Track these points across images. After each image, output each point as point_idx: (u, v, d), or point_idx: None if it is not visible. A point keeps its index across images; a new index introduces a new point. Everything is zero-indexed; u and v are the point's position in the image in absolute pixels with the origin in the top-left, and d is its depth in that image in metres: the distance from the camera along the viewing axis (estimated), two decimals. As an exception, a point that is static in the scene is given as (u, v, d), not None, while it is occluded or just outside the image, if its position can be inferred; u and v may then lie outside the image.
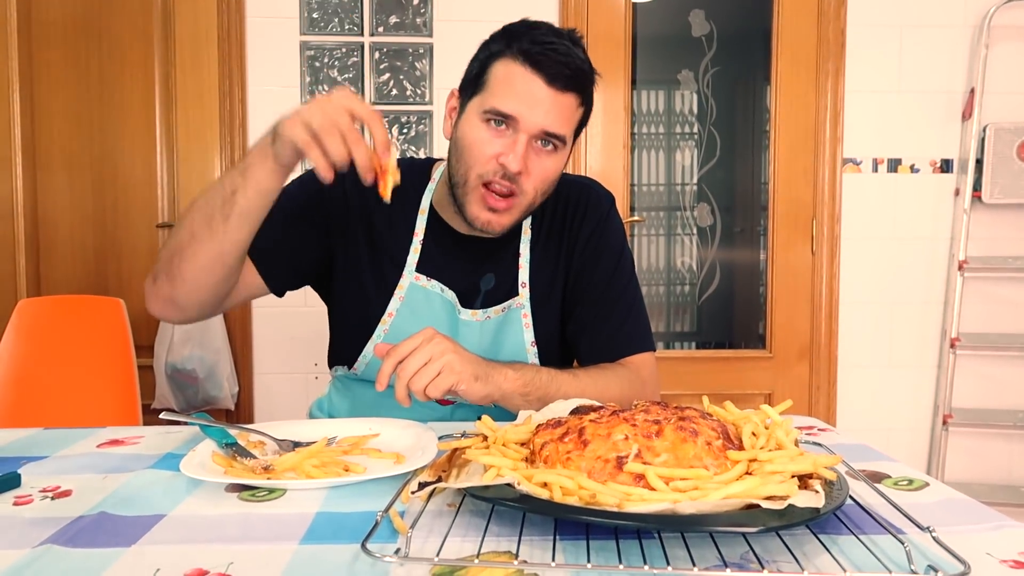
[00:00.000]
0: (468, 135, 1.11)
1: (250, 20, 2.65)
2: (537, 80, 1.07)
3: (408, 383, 0.96)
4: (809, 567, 0.61)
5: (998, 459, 2.84)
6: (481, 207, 1.12)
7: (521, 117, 1.07)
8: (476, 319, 1.21)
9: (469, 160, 1.11)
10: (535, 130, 1.08)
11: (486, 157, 1.09)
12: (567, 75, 1.08)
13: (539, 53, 1.07)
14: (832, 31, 2.74)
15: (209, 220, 1.01)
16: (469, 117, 1.12)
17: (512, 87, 1.07)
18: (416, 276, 1.20)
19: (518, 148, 1.08)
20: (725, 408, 0.86)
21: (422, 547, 0.66)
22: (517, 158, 1.07)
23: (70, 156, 2.66)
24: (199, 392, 2.61)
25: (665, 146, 2.87)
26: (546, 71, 1.07)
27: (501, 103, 1.08)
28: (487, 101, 1.09)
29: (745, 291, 2.93)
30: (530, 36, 1.08)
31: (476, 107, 1.11)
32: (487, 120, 1.09)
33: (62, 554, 0.65)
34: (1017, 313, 2.81)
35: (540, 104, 1.07)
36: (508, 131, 1.09)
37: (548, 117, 1.08)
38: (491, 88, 1.09)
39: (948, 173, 2.79)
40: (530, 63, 1.07)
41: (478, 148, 1.10)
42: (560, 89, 1.08)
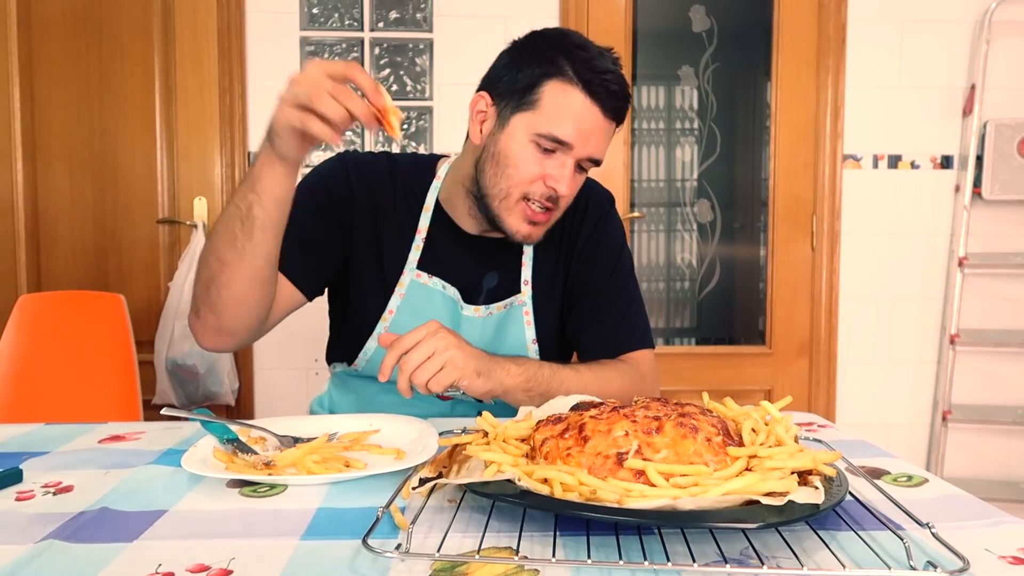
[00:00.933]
0: (516, 153, 1.10)
1: (250, 15, 2.65)
2: (595, 110, 1.08)
3: (410, 376, 0.96)
4: (809, 563, 0.61)
5: (997, 455, 2.84)
6: (522, 221, 1.13)
7: (576, 145, 1.09)
8: (478, 315, 1.22)
9: (515, 177, 1.11)
10: (584, 157, 1.11)
11: (534, 177, 1.10)
12: (622, 108, 1.11)
13: (599, 84, 1.07)
14: (833, 27, 2.73)
15: (233, 242, 1.01)
16: (516, 134, 1.10)
17: (572, 115, 1.08)
18: (417, 274, 1.20)
19: (566, 173, 1.10)
20: (725, 404, 0.86)
21: (423, 543, 0.66)
22: (566, 183, 1.10)
23: (70, 151, 2.66)
24: (200, 388, 2.61)
25: (665, 142, 2.87)
26: (605, 104, 1.08)
27: (560, 131, 1.08)
28: (542, 125, 1.08)
29: (745, 287, 2.93)
30: (585, 62, 1.08)
31: (526, 125, 1.09)
32: (537, 142, 1.09)
33: (64, 549, 0.65)
34: (1017, 309, 2.81)
35: (594, 134, 1.09)
36: (557, 155, 1.10)
37: (598, 146, 1.11)
38: (546, 111, 1.08)
39: (948, 169, 2.78)
40: (589, 93, 1.07)
41: (527, 168, 1.10)
42: (611, 119, 1.11)
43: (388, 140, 2.71)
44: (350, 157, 1.25)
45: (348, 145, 2.70)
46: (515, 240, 1.15)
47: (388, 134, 0.93)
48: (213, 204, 2.69)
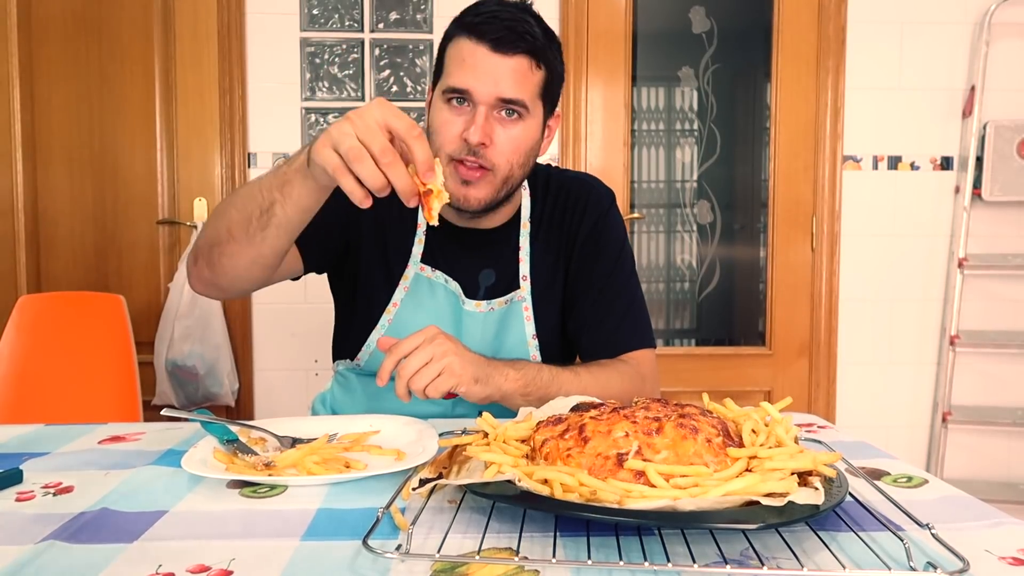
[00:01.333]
0: (434, 120, 1.12)
1: (250, 16, 2.65)
2: (481, 48, 1.07)
3: (408, 382, 0.96)
4: (809, 564, 0.61)
5: (997, 456, 2.84)
6: (456, 182, 1.11)
7: (473, 89, 1.07)
8: (480, 310, 1.22)
9: (438, 142, 1.11)
10: (490, 99, 1.08)
11: (451, 136, 1.10)
12: (511, 38, 1.07)
13: (481, 23, 1.08)
14: (832, 28, 2.73)
15: (247, 226, 0.99)
16: (435, 103, 1.13)
17: (461, 62, 1.09)
18: (421, 267, 1.21)
19: (478, 119, 1.08)
20: (725, 405, 0.86)
21: (423, 543, 0.66)
22: (477, 129, 1.07)
23: (70, 152, 2.66)
24: (199, 388, 2.61)
25: (665, 143, 2.87)
26: (488, 37, 1.07)
27: (453, 79, 1.09)
28: (443, 84, 1.11)
29: (745, 288, 2.93)
30: (473, 12, 1.10)
31: (438, 92, 1.12)
32: (448, 100, 1.10)
33: (64, 550, 0.65)
34: (1017, 310, 2.81)
35: (489, 72, 1.07)
36: (468, 107, 1.09)
37: (500, 84, 1.08)
38: (445, 71, 1.11)
39: (948, 170, 2.78)
40: (473, 33, 1.08)
41: (443, 129, 1.10)
42: (507, 53, 1.08)
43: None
44: None
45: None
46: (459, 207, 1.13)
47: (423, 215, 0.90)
48: (213, 205, 2.69)
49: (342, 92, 2.68)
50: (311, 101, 2.68)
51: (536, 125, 1.14)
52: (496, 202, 1.15)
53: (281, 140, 2.68)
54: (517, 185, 1.17)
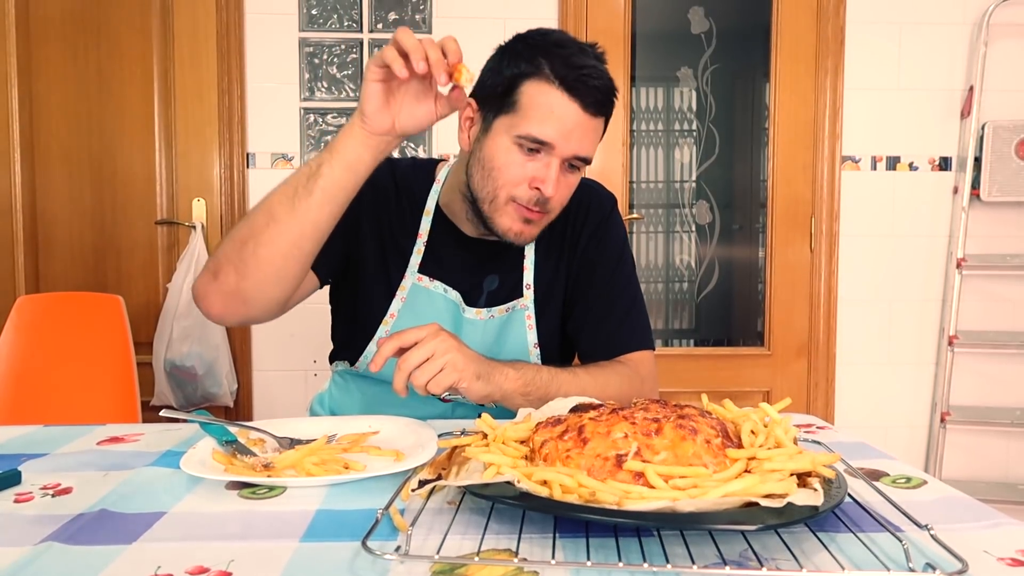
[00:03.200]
0: (499, 157, 1.10)
1: (249, 16, 2.65)
2: (574, 107, 1.06)
3: (410, 376, 0.96)
4: (808, 565, 0.61)
5: (996, 457, 2.84)
6: (514, 220, 1.12)
7: (558, 145, 1.07)
8: (480, 318, 1.22)
9: (500, 181, 1.10)
10: (569, 156, 1.09)
11: (519, 180, 1.09)
12: (604, 102, 1.09)
13: (576, 80, 1.05)
14: (831, 28, 2.74)
15: (292, 197, 1.00)
16: (498, 138, 1.10)
17: (550, 114, 1.06)
18: (419, 277, 1.21)
19: (551, 174, 1.08)
20: (724, 406, 0.86)
21: (422, 545, 0.66)
22: (553, 185, 1.08)
23: (68, 152, 2.65)
24: (198, 389, 2.61)
25: (664, 143, 2.87)
26: (583, 98, 1.06)
27: (539, 131, 1.06)
28: (521, 126, 1.07)
29: (744, 288, 2.93)
30: (563, 59, 1.06)
31: (506, 128, 1.09)
32: (520, 144, 1.08)
33: (63, 551, 0.65)
34: (1015, 311, 2.81)
35: (576, 131, 1.07)
36: (541, 155, 1.08)
37: (583, 143, 1.08)
38: (525, 112, 1.07)
39: (947, 171, 2.79)
40: (567, 89, 1.06)
41: (511, 171, 1.09)
42: (594, 115, 1.08)
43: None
44: None
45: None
46: (508, 240, 1.15)
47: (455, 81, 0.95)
48: (212, 205, 2.69)
49: (341, 92, 2.68)
50: (310, 101, 2.68)
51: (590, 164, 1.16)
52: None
53: (280, 140, 2.68)
54: None
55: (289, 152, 2.68)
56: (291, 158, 2.68)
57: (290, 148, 2.68)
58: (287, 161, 2.68)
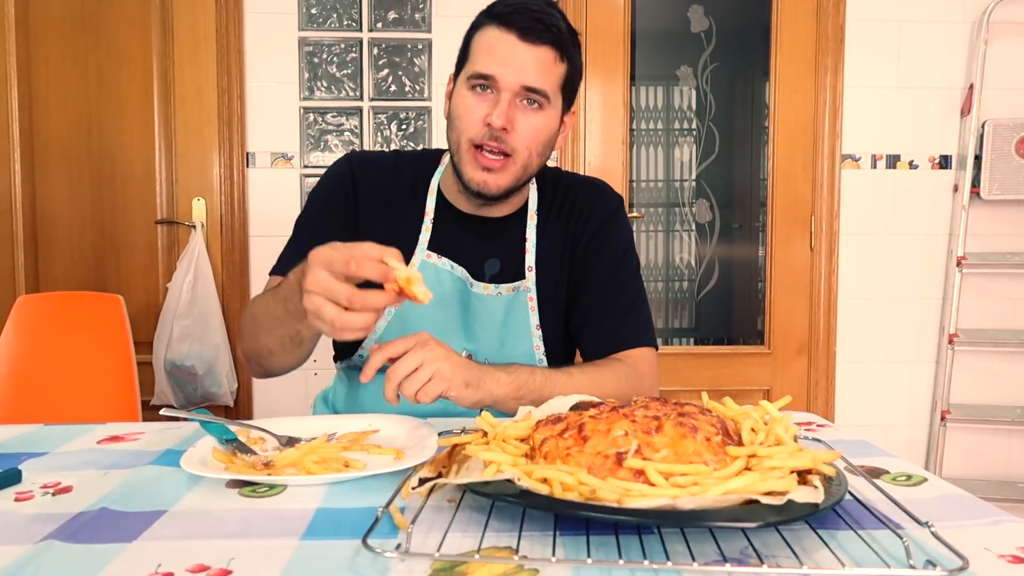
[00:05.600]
0: (458, 105, 1.16)
1: (248, 16, 2.65)
2: (510, 36, 1.11)
3: (399, 387, 0.96)
4: (808, 562, 0.61)
5: (996, 455, 2.84)
6: (475, 168, 1.15)
7: (499, 75, 1.11)
8: (487, 292, 1.23)
9: (460, 127, 1.15)
10: (515, 86, 1.12)
11: (474, 120, 1.13)
12: (539, 29, 1.11)
13: (510, 12, 1.12)
14: (831, 27, 2.73)
15: (283, 348, 1.10)
16: (458, 89, 1.17)
17: (488, 49, 1.13)
18: (427, 254, 1.22)
19: (501, 105, 1.11)
20: (724, 404, 0.86)
21: (423, 543, 0.66)
22: (501, 113, 1.11)
23: (68, 152, 2.65)
24: (198, 388, 2.61)
25: (664, 142, 2.87)
26: (517, 26, 1.11)
27: (480, 65, 1.13)
28: (468, 70, 1.15)
29: (744, 287, 2.93)
30: (503, 1, 1.14)
31: (463, 79, 1.16)
32: (472, 87, 1.14)
33: (63, 550, 0.65)
34: (1015, 309, 2.81)
35: (515, 59, 1.11)
36: (491, 93, 1.13)
37: (525, 72, 1.11)
38: (471, 57, 1.15)
39: (947, 169, 2.79)
40: (502, 22, 1.12)
41: (466, 114, 1.14)
42: (533, 42, 1.11)
43: (387, 142, 2.72)
44: (356, 156, 1.29)
45: (348, 146, 2.70)
46: (475, 190, 1.16)
47: (416, 302, 0.87)
48: (212, 205, 2.69)
49: (340, 92, 2.68)
50: (309, 101, 2.68)
51: (555, 116, 1.18)
52: (513, 189, 1.19)
53: (279, 140, 2.68)
54: (533, 174, 1.21)
55: (289, 151, 2.68)
56: (291, 157, 2.68)
57: (290, 147, 2.68)
58: (287, 161, 2.68)
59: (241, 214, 2.68)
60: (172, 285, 2.61)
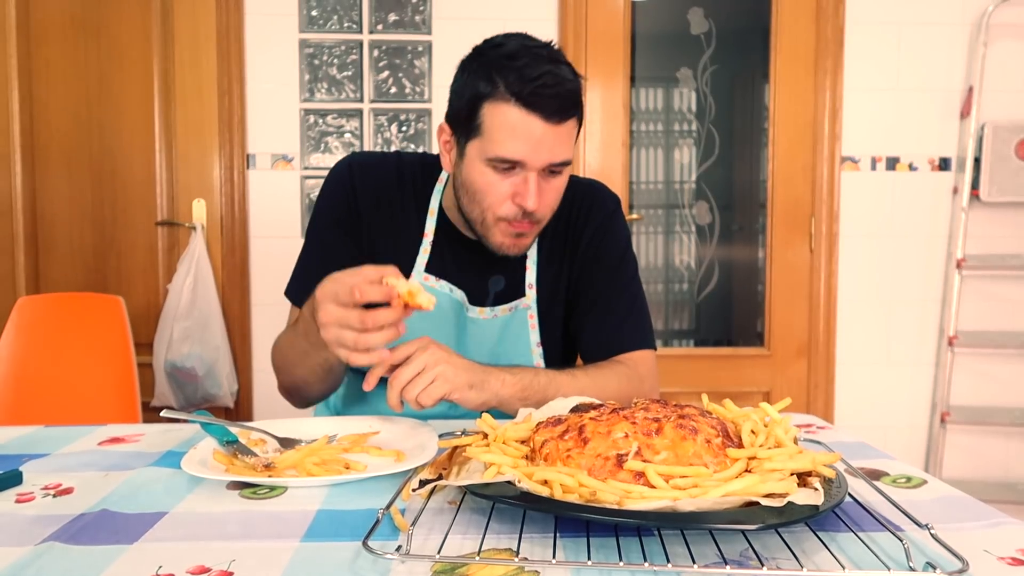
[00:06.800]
0: (477, 180, 1.10)
1: (249, 17, 2.65)
2: (535, 120, 1.04)
3: (401, 391, 0.96)
4: (808, 564, 0.62)
5: (996, 457, 2.84)
6: (506, 236, 1.13)
7: (528, 160, 1.06)
8: (483, 317, 1.22)
9: (484, 204, 1.11)
10: (542, 167, 1.08)
11: (502, 199, 1.09)
12: (565, 107, 1.06)
13: (531, 93, 1.03)
14: (831, 29, 2.74)
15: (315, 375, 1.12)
16: (473, 163, 1.10)
17: (512, 133, 1.05)
18: (425, 276, 1.21)
19: (531, 187, 1.07)
20: (724, 406, 0.86)
21: (423, 544, 0.66)
22: (533, 198, 1.07)
23: (69, 153, 2.66)
24: (198, 390, 2.61)
25: (664, 144, 2.87)
26: (543, 110, 1.04)
27: (505, 151, 1.06)
28: (489, 149, 1.07)
29: (744, 289, 2.93)
30: (517, 72, 1.04)
31: (477, 152, 1.09)
32: (493, 166, 1.08)
33: (64, 551, 0.65)
34: (1015, 311, 2.81)
35: (543, 143, 1.06)
36: (516, 171, 1.08)
37: (553, 152, 1.07)
38: (490, 135, 1.06)
39: (946, 171, 2.79)
40: (525, 105, 1.04)
41: (492, 193, 1.09)
42: (559, 122, 1.06)
43: (387, 144, 2.72)
44: (357, 161, 1.26)
45: (348, 148, 2.70)
46: (504, 254, 1.15)
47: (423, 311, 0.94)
48: (212, 206, 2.69)
49: (341, 93, 2.68)
50: (310, 102, 2.68)
51: (572, 166, 1.15)
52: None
53: (280, 141, 2.68)
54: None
55: (289, 153, 2.68)
56: (291, 159, 2.68)
57: (290, 149, 2.68)
58: (287, 162, 2.68)
59: (241, 215, 2.68)
60: (172, 286, 2.61)
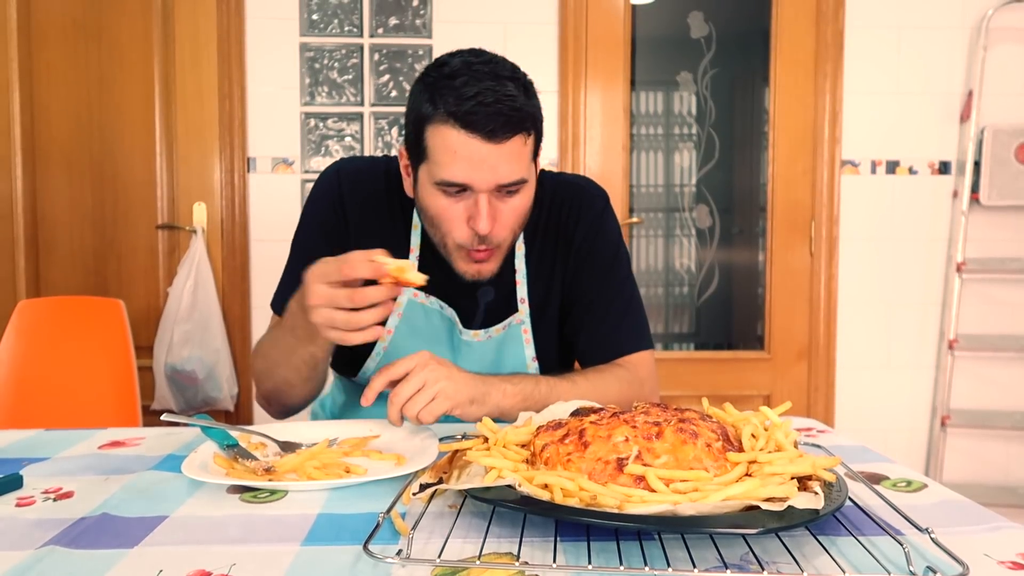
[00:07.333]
0: (431, 206, 1.08)
1: (250, 21, 2.66)
2: (475, 141, 1.00)
3: (401, 408, 0.96)
4: (808, 568, 0.62)
5: (996, 460, 2.84)
6: (468, 263, 1.11)
7: (472, 182, 1.03)
8: (477, 339, 1.21)
9: (442, 229, 1.09)
10: (491, 188, 1.04)
11: (456, 223, 1.07)
12: (504, 123, 1.01)
13: (468, 112, 0.99)
14: (831, 32, 2.74)
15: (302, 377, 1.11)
16: (425, 188, 1.08)
17: (454, 156, 1.02)
18: (415, 293, 1.19)
19: (482, 209, 1.04)
20: (724, 410, 0.86)
21: (424, 548, 0.66)
22: (485, 221, 1.04)
23: (69, 156, 2.66)
24: (199, 393, 2.61)
25: (664, 147, 2.87)
26: (481, 129, 1.00)
27: (449, 174, 1.03)
28: (435, 173, 1.04)
29: (744, 292, 2.93)
30: (454, 92, 1.00)
31: (426, 177, 1.07)
32: (442, 190, 1.05)
33: (65, 555, 0.65)
34: (1015, 314, 2.81)
35: (486, 163, 1.02)
36: (467, 193, 1.05)
37: (499, 172, 1.03)
38: (434, 158, 1.04)
39: (946, 175, 2.79)
40: (463, 125, 1.00)
41: (445, 217, 1.07)
42: (502, 140, 1.01)
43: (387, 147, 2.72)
44: (346, 170, 1.23)
45: (349, 151, 2.70)
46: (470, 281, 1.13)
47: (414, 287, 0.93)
48: (212, 209, 2.69)
49: (341, 97, 2.69)
50: (310, 106, 2.68)
51: (532, 183, 1.11)
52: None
53: (280, 145, 2.68)
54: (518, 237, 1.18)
55: (290, 157, 2.68)
56: (291, 162, 2.68)
57: (291, 152, 2.68)
58: (287, 165, 2.68)
59: (242, 218, 2.68)
60: (173, 290, 2.61)
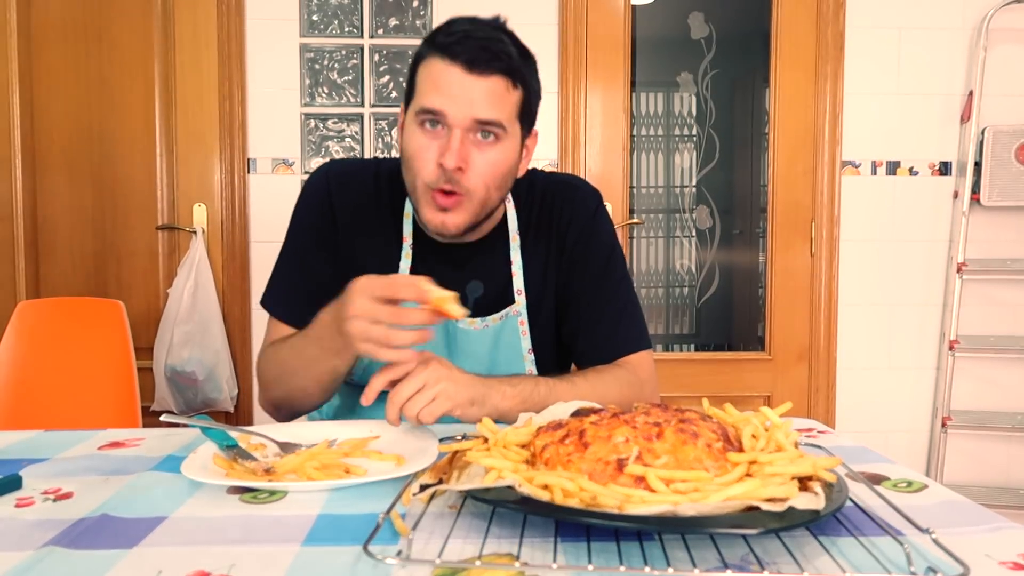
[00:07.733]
0: (409, 144, 1.10)
1: (250, 22, 2.66)
2: (455, 69, 1.04)
3: (401, 408, 0.96)
4: (809, 568, 0.61)
5: (997, 461, 2.84)
6: (433, 210, 1.10)
7: (447, 110, 1.05)
8: (474, 328, 1.20)
9: (413, 168, 1.09)
10: (466, 121, 1.05)
11: (427, 162, 1.07)
12: (486, 58, 1.05)
13: (452, 43, 1.05)
14: (831, 33, 2.74)
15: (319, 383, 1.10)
16: (407, 126, 1.11)
17: (435, 83, 1.06)
18: None
19: (453, 143, 1.05)
20: (725, 410, 0.86)
21: (424, 549, 0.66)
22: (453, 154, 1.05)
23: (70, 158, 2.66)
24: (198, 394, 2.61)
25: (664, 148, 2.87)
26: (462, 57, 1.04)
27: (426, 100, 1.06)
28: (416, 103, 1.08)
29: (744, 293, 2.93)
30: (444, 30, 1.07)
31: (411, 114, 1.10)
32: (421, 123, 1.07)
33: (64, 556, 0.65)
34: (1015, 315, 2.81)
35: (464, 93, 1.05)
36: (443, 130, 1.07)
37: (475, 105, 1.05)
38: (419, 90, 1.08)
39: (947, 175, 2.79)
40: (445, 54, 1.05)
41: (419, 155, 1.08)
42: (482, 73, 1.05)
43: (387, 148, 2.72)
44: (334, 172, 1.24)
45: (349, 152, 2.71)
46: (433, 233, 1.13)
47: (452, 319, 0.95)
48: (212, 210, 2.70)
49: (341, 98, 2.69)
50: (311, 107, 2.68)
51: (514, 146, 1.12)
52: (474, 225, 1.15)
53: (281, 146, 2.68)
54: (495, 207, 1.16)
55: (290, 158, 2.69)
56: (292, 163, 2.68)
57: (291, 153, 2.68)
58: (288, 166, 2.68)
59: (242, 220, 2.68)
60: (173, 291, 2.61)
